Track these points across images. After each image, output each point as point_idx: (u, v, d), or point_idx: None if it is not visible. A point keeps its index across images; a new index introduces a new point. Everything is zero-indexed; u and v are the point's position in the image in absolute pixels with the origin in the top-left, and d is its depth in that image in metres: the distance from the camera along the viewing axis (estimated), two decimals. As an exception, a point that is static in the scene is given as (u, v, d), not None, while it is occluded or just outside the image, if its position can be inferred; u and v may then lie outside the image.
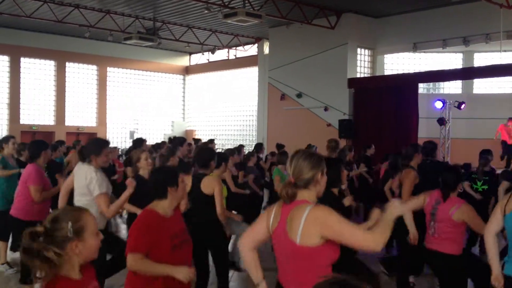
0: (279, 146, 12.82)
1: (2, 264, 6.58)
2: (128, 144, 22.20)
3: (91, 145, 4.95)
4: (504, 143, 15.43)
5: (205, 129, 25.45)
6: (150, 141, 22.76)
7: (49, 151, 6.06)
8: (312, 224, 2.59)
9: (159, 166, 5.34)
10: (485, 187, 7.93)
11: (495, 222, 3.68)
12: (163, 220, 3.48)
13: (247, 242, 2.95)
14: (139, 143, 9.03)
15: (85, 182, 4.70)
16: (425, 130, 16.40)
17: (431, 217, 4.61)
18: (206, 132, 25.21)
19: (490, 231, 3.70)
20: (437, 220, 4.56)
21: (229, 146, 21.56)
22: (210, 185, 5.01)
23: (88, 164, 4.82)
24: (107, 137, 23.40)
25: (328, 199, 3.98)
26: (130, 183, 4.67)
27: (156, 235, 3.39)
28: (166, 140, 10.13)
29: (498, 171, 8.69)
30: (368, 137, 15.99)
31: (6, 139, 7.10)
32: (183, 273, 3.30)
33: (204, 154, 5.30)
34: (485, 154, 8.16)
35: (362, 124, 16.57)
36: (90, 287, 2.40)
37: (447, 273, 4.57)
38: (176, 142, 9.22)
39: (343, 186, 4.78)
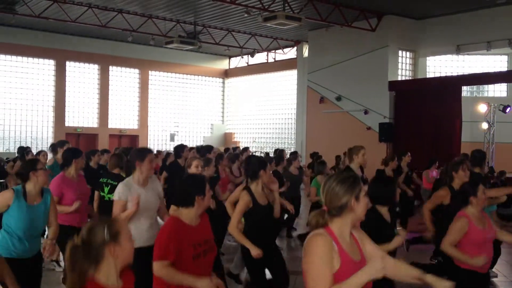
0: (314, 155, 12.62)
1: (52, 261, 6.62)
2: (168, 146, 22.52)
3: (134, 153, 4.87)
4: None
5: (244, 132, 25.57)
6: (190, 144, 23.07)
7: (81, 159, 5.66)
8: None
9: (188, 174, 5.21)
10: None
11: None
12: (187, 229, 3.51)
13: None
14: (180, 149, 8.98)
15: None
16: (469, 134, 16.04)
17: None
18: (245, 135, 25.33)
19: None
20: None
21: (268, 150, 21.60)
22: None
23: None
24: (149, 140, 23.85)
25: (372, 218, 3.87)
26: (135, 200, 4.58)
27: (179, 243, 3.41)
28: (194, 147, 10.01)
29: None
30: (409, 141, 15.76)
31: (61, 143, 7.09)
32: (208, 284, 3.33)
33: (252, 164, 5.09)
34: None
35: (403, 128, 16.32)
36: None
37: None
38: (204, 150, 9.07)
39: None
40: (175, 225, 3.52)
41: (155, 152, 12.07)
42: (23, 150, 11.02)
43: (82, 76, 22.77)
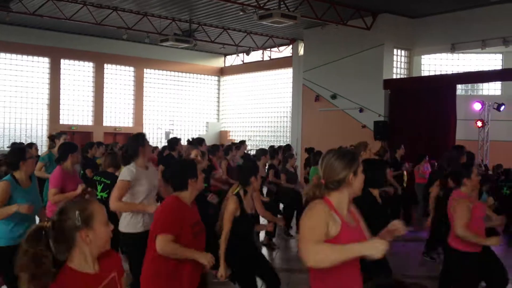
0: (310, 150, 12.73)
1: None
2: (163, 144, 22.47)
3: (135, 139, 5.01)
4: None
5: (240, 130, 25.57)
6: (185, 142, 22.98)
7: (76, 154, 5.79)
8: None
9: (179, 159, 5.36)
10: None
11: None
12: (186, 208, 3.66)
13: None
14: (174, 143, 9.06)
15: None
16: (463, 133, 16.07)
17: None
18: (241, 133, 25.33)
19: None
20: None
21: (263, 147, 21.63)
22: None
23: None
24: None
25: (366, 200, 3.98)
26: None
27: (182, 220, 3.55)
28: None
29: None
30: (404, 139, 15.78)
31: (59, 134, 7.06)
32: (206, 258, 3.51)
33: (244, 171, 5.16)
34: None
35: (398, 126, 16.36)
36: (108, 278, 2.38)
37: None
38: (195, 143, 9.12)
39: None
40: (177, 202, 3.65)
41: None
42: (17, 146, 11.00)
43: (76, 74, 22.70)
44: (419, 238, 8.99)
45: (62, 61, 22.19)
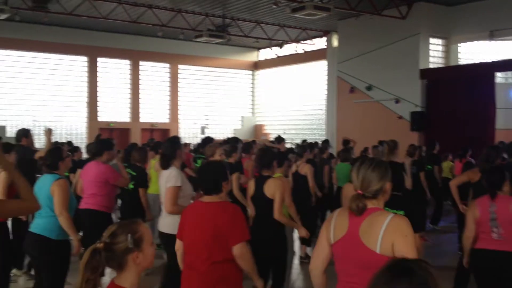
0: (345, 142, 12.63)
1: None
2: (199, 139, 22.70)
3: (169, 145, 5.18)
4: None
5: (274, 124, 25.58)
6: (220, 136, 23.21)
7: (112, 151, 6.06)
8: (391, 235, 2.55)
9: (208, 162, 5.30)
10: None
11: None
12: None
13: (319, 265, 2.84)
14: (208, 141, 9.12)
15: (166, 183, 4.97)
16: (503, 121, 15.69)
17: (491, 223, 4.40)
18: (275, 127, 25.34)
19: None
20: (499, 224, 4.38)
21: (298, 141, 21.60)
22: (272, 188, 4.89)
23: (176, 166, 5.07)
24: (179, 133, 24.10)
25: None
26: None
27: None
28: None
29: None
30: (441, 130, 15.54)
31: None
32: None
33: (266, 155, 5.21)
34: None
35: (436, 116, 16.09)
36: None
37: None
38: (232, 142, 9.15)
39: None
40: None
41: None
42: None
43: (113, 71, 23.11)
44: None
45: (99, 59, 22.61)
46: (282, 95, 25.25)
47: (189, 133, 24.51)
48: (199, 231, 3.47)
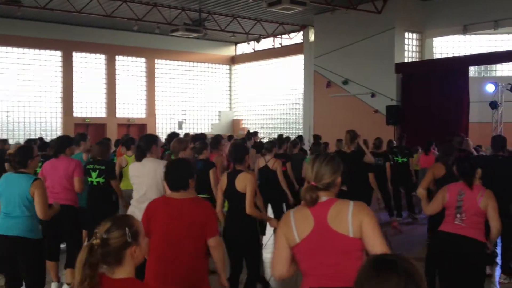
0: (316, 137, 12.83)
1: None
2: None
3: (148, 138, 5.24)
4: None
5: (252, 118, 25.60)
6: (198, 131, 23.12)
7: (73, 147, 6.21)
8: (357, 217, 2.70)
9: (175, 159, 5.36)
10: None
11: None
12: None
13: (284, 270, 2.85)
14: (174, 137, 9.05)
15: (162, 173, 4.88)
16: (477, 115, 15.95)
17: (457, 210, 4.57)
18: (253, 121, 25.37)
19: None
20: (463, 211, 4.55)
21: (275, 135, 21.66)
22: (243, 182, 4.97)
23: (152, 157, 5.10)
24: (157, 128, 23.97)
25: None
26: None
27: None
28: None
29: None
30: (416, 123, 15.74)
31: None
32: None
33: (238, 150, 5.31)
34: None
35: (411, 110, 16.28)
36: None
37: (477, 260, 4.53)
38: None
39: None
40: None
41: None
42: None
43: (88, 66, 22.86)
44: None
45: (74, 54, 22.33)
46: (259, 90, 25.26)
47: (167, 128, 24.39)
48: (176, 226, 3.56)
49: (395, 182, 9.91)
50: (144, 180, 5.06)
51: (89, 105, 22.91)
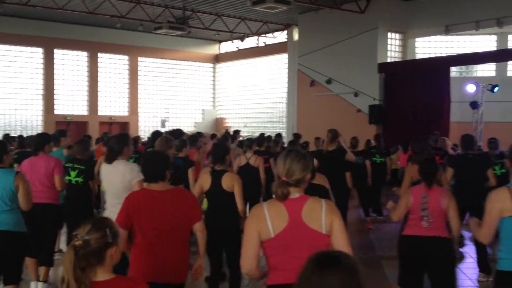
0: (295, 136, 12.95)
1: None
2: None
3: (119, 139, 5.15)
4: None
5: (236, 117, 25.58)
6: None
7: (50, 145, 6.23)
8: (329, 215, 2.82)
9: (153, 151, 5.43)
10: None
11: None
12: None
13: (254, 264, 2.88)
14: (158, 135, 9.06)
15: (130, 177, 4.84)
16: (458, 114, 16.13)
17: (422, 212, 4.65)
18: (237, 120, 25.35)
19: None
20: (430, 213, 4.64)
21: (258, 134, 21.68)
22: (230, 181, 5.06)
23: (123, 159, 5.02)
24: (139, 126, 23.83)
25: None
26: None
27: None
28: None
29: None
30: (398, 123, 15.88)
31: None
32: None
33: (219, 150, 5.35)
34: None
35: (393, 110, 16.42)
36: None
37: (447, 257, 4.66)
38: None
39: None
40: None
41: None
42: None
43: (70, 63, 22.64)
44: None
45: (55, 51, 22.10)
46: (243, 88, 25.26)
47: (149, 126, 24.27)
48: (163, 218, 3.61)
49: (373, 181, 10.11)
50: (115, 183, 4.97)
51: (71, 102, 22.71)
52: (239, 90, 25.47)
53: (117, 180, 4.92)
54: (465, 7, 15.70)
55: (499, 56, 15.78)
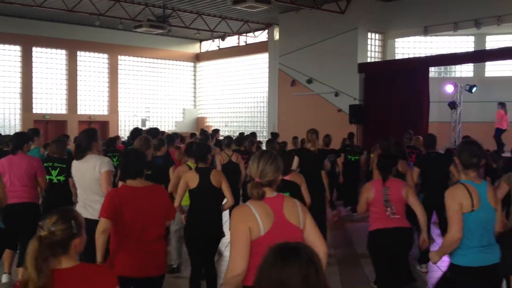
0: (273, 135, 13.07)
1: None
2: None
3: (87, 135, 5.20)
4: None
5: (216, 116, 25.52)
6: (162, 129, 22.94)
7: (29, 144, 6.29)
8: (304, 212, 3.02)
9: (132, 149, 5.66)
10: None
11: None
12: None
13: (245, 267, 2.84)
14: (138, 133, 9.02)
15: (102, 169, 4.90)
16: (437, 114, 16.33)
17: (385, 204, 4.89)
18: (217, 119, 25.30)
19: None
20: (392, 204, 4.89)
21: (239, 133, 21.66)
22: (218, 177, 5.23)
23: (94, 154, 5.08)
24: (119, 125, 23.62)
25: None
26: None
27: None
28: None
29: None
30: (378, 122, 15.99)
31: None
32: None
33: (201, 148, 5.52)
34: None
35: (373, 109, 16.53)
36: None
37: (409, 246, 5.03)
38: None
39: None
40: None
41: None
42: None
43: (49, 61, 22.34)
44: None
45: (34, 49, 21.80)
46: (224, 88, 25.21)
47: (130, 125, 24.08)
48: (146, 213, 3.80)
49: (348, 179, 10.53)
50: (87, 177, 5.01)
51: (50, 101, 22.41)
52: (220, 89, 25.41)
53: (88, 174, 4.98)
54: (443, 8, 15.88)
55: (477, 56, 16.00)
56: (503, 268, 2.37)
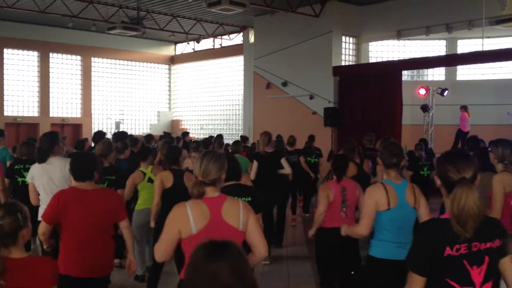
0: (242, 138, 13.18)
1: None
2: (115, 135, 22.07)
3: (49, 138, 5.23)
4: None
5: (191, 119, 25.43)
6: (136, 132, 22.77)
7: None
8: (246, 213, 3.07)
9: (80, 152, 6.01)
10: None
11: None
12: None
13: (168, 256, 3.13)
14: (99, 136, 8.92)
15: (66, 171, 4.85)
16: (410, 117, 16.56)
17: (343, 204, 5.03)
18: (193, 121, 25.20)
19: None
20: (348, 205, 5.05)
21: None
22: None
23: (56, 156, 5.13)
24: (93, 128, 23.34)
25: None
26: None
27: None
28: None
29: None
30: (353, 125, 16.13)
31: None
32: None
33: (173, 152, 5.77)
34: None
35: (347, 112, 16.66)
36: None
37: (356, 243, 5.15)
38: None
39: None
40: None
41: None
42: None
43: (20, 63, 21.97)
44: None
45: (5, 50, 21.41)
46: (199, 90, 25.14)
47: (103, 128, 23.80)
48: (93, 215, 3.88)
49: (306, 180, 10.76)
50: (55, 178, 5.04)
51: (21, 104, 22.04)
52: (195, 91, 25.32)
53: (57, 175, 5.02)
54: (416, 13, 16.11)
55: (448, 60, 16.26)
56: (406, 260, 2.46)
